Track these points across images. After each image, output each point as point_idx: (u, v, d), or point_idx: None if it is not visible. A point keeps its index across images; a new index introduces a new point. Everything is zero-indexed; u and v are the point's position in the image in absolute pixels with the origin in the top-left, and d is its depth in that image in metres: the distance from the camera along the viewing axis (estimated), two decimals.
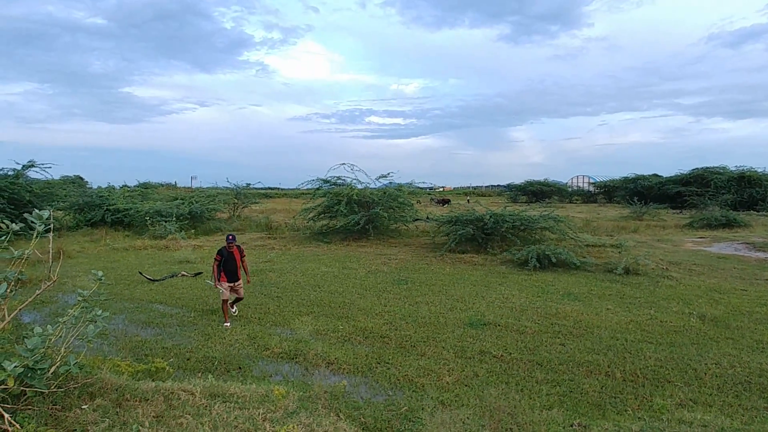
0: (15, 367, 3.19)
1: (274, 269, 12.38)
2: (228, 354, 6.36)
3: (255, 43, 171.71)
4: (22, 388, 3.38)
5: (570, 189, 56.01)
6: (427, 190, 46.96)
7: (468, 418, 4.39)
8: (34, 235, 3.59)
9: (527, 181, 52.69)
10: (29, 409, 3.41)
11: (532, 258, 12.43)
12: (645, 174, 43.59)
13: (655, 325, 7.62)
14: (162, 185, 52.49)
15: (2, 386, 3.24)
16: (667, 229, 21.86)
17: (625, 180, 44.57)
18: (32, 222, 3.44)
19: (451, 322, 7.74)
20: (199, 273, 11.71)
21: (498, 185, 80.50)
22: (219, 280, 7.82)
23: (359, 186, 19.20)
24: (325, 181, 19.84)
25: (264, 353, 6.39)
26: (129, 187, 29.58)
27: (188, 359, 6.17)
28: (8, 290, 3.46)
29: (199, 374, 5.43)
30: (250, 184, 29.16)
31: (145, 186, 37.23)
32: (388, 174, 19.47)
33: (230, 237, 7.98)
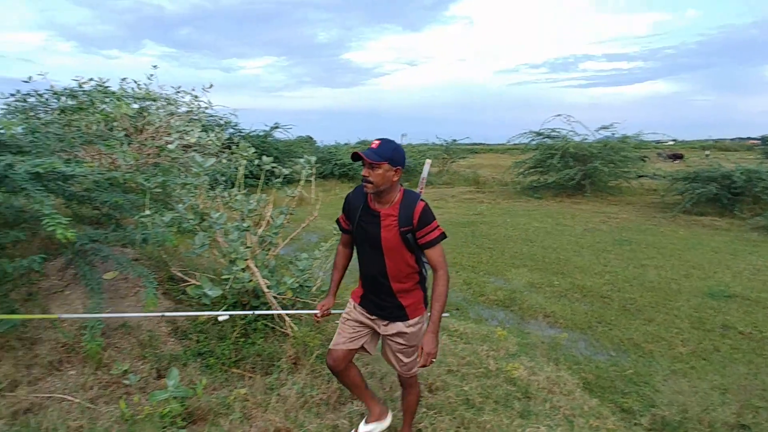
0: (292, 281, 3.97)
1: (484, 221, 12.56)
2: None
3: None
4: (293, 299, 4.18)
5: None
6: (655, 143, 41.41)
7: (709, 390, 3.97)
8: (302, 177, 4.32)
9: None
10: (300, 317, 4.21)
11: None
12: None
13: None
14: None
15: (283, 296, 4.07)
16: None
17: None
18: (301, 165, 4.15)
19: (685, 290, 6.91)
20: None
21: (748, 137, 66.18)
22: (333, 296, 2.87)
23: (576, 139, 17.94)
24: (538, 134, 19.00)
25: (479, 299, 6.65)
26: (350, 145, 32.67)
27: None
28: (285, 220, 4.26)
29: None
30: (456, 140, 29.69)
31: (363, 143, 40.74)
32: (611, 125, 17.65)
33: (362, 155, 2.38)
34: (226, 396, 3.16)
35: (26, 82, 5.85)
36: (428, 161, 4.06)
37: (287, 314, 3.65)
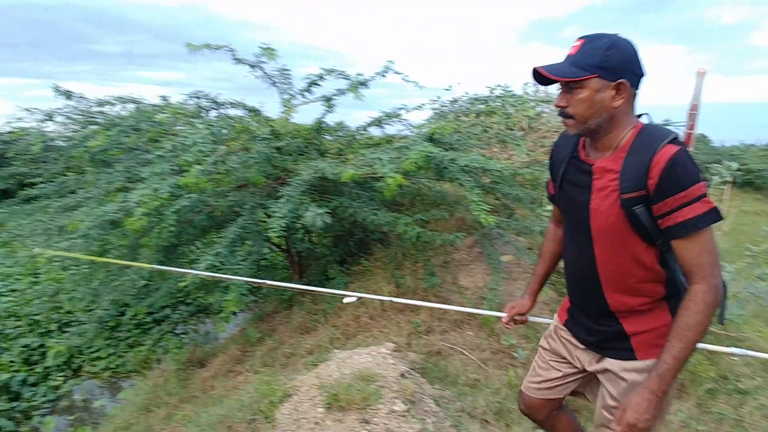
0: None
1: None
2: None
3: None
4: None
5: None
6: None
7: None
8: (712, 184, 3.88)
9: None
10: None
11: None
12: None
13: None
14: None
15: None
16: None
17: None
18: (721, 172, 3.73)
19: None
20: None
21: None
22: (531, 296, 1.84)
23: None
24: None
25: None
26: (757, 147, 26.55)
27: None
28: None
29: None
30: None
31: None
32: None
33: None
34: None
35: (447, 90, 7.03)
36: (702, 69, 2.65)
37: (463, 311, 3.01)
